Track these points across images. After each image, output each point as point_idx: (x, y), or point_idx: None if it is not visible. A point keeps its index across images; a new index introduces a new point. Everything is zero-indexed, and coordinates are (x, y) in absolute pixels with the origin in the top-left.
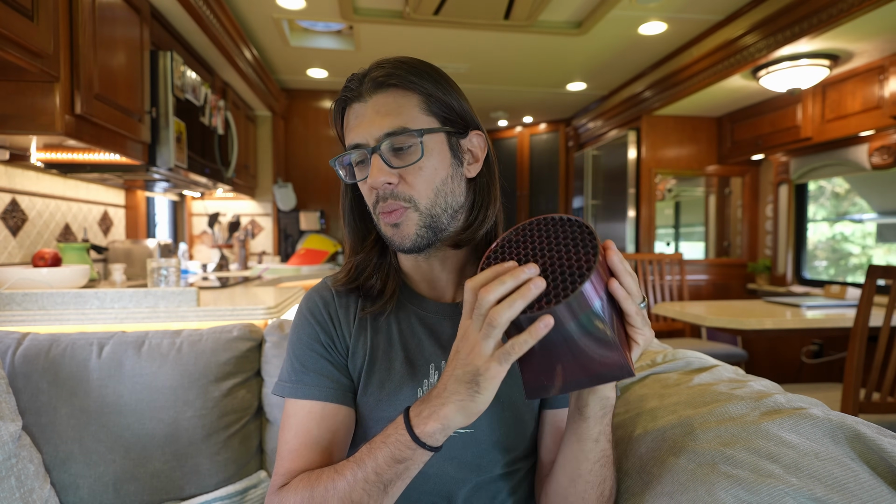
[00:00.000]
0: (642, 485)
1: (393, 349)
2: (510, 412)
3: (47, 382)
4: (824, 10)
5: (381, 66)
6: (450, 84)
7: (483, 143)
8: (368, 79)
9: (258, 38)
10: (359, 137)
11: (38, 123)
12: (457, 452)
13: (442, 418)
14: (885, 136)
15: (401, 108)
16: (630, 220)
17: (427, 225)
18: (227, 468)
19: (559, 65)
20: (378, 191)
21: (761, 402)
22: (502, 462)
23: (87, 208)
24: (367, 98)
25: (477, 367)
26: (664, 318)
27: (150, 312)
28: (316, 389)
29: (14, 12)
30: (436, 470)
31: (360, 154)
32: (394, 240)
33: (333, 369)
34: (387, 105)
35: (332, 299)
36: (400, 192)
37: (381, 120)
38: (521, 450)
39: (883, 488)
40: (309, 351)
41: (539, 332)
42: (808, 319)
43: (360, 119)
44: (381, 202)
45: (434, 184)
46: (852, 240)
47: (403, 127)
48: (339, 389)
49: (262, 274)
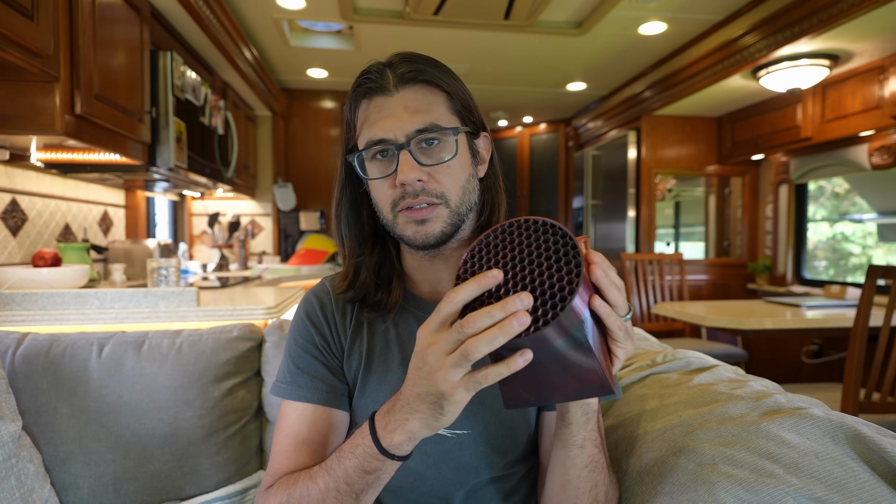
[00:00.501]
0: (643, 485)
1: (391, 352)
2: (507, 414)
3: (47, 382)
4: (824, 11)
5: (408, 61)
6: (463, 84)
7: (489, 144)
8: (396, 73)
9: (258, 38)
10: (385, 133)
11: (38, 123)
12: (455, 454)
13: (407, 432)
14: (885, 136)
15: (430, 104)
16: (630, 220)
17: (453, 223)
18: (227, 468)
19: (559, 65)
20: (407, 187)
21: (761, 402)
22: (500, 464)
23: (87, 208)
24: (393, 92)
25: (442, 392)
26: (664, 318)
27: (150, 312)
28: (309, 392)
29: (14, 12)
30: (434, 472)
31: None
32: (416, 237)
33: (327, 372)
34: (416, 101)
35: (330, 301)
36: (431, 189)
37: (410, 116)
38: (519, 452)
39: (883, 488)
40: (304, 353)
41: (516, 366)
42: (808, 319)
43: (386, 113)
44: (409, 198)
45: (461, 182)
46: (852, 240)
47: (435, 124)
48: (332, 393)
49: (262, 274)
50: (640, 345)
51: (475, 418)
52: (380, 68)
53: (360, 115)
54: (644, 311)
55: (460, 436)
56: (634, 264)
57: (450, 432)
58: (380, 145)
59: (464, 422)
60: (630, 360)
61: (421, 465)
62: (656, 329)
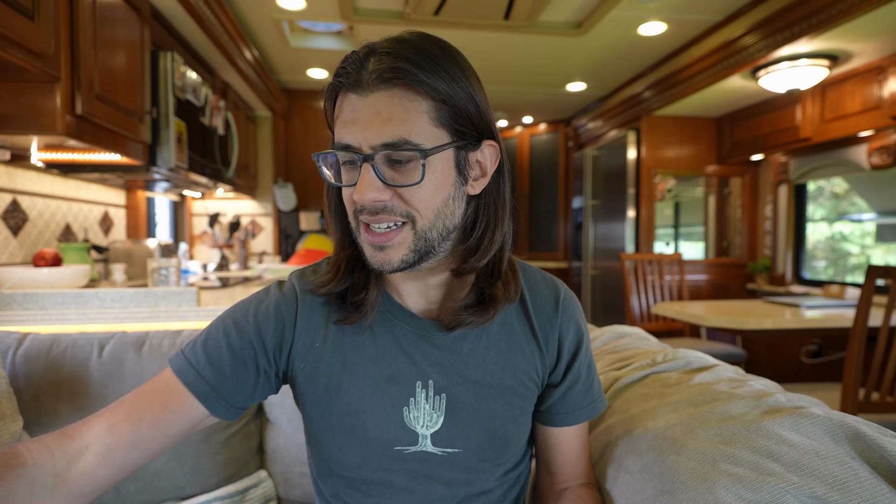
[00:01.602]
0: (643, 483)
1: (373, 364)
2: (499, 430)
3: (48, 382)
4: (824, 11)
5: (389, 54)
6: (468, 78)
7: (495, 154)
8: (372, 69)
9: (258, 39)
10: (351, 138)
11: (38, 124)
12: (445, 471)
13: None
14: (885, 136)
15: (406, 113)
16: (630, 220)
17: (418, 249)
18: (227, 468)
19: (559, 65)
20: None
21: (762, 401)
22: (492, 477)
23: (88, 208)
24: (366, 92)
25: None
26: (664, 318)
27: (150, 312)
28: (191, 373)
29: (14, 12)
30: (423, 488)
31: (349, 156)
32: (373, 261)
33: (230, 373)
34: (390, 107)
35: (296, 304)
36: (395, 207)
37: (380, 124)
38: (512, 463)
39: (883, 487)
40: (223, 336)
41: None
42: (807, 319)
43: (356, 115)
44: (367, 214)
45: (434, 205)
46: (851, 240)
47: (405, 140)
48: (214, 392)
49: (263, 274)
50: (640, 345)
51: (465, 439)
52: (360, 59)
53: (336, 107)
54: (644, 311)
55: (451, 454)
56: (634, 264)
57: (439, 450)
58: (345, 152)
59: (455, 440)
60: (630, 359)
61: (410, 481)
62: (656, 329)
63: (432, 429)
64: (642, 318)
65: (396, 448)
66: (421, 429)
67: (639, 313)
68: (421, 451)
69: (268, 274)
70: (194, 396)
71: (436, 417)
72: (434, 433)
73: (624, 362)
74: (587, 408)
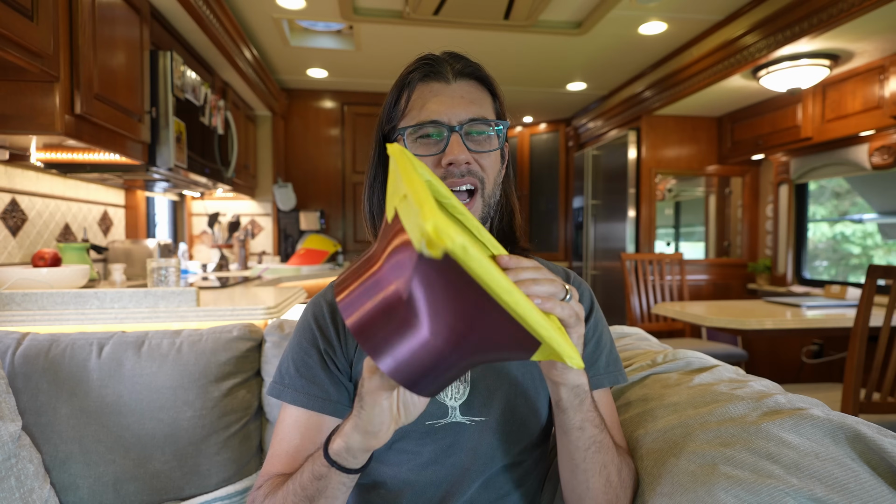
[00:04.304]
0: (643, 485)
1: None
2: (519, 404)
3: (47, 382)
4: (824, 10)
5: (464, 59)
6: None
7: (508, 150)
8: (454, 67)
9: (258, 38)
10: (439, 115)
11: (37, 123)
12: (471, 442)
13: (344, 435)
14: (886, 135)
15: (482, 100)
16: (630, 220)
17: (483, 216)
18: (227, 468)
19: (559, 65)
20: (453, 167)
21: (762, 403)
22: (512, 452)
23: (87, 208)
24: (451, 80)
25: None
26: (664, 318)
27: (149, 312)
28: (303, 396)
29: (14, 12)
30: (450, 460)
31: (431, 130)
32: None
33: (325, 378)
34: (471, 93)
35: None
36: (475, 171)
37: (466, 104)
38: (529, 440)
39: (883, 488)
40: (304, 356)
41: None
42: (808, 319)
43: (442, 97)
44: (453, 178)
45: (495, 175)
46: (852, 240)
47: (485, 117)
48: (328, 400)
49: (262, 274)
50: (641, 345)
51: (489, 407)
52: (438, 58)
53: (415, 95)
54: (644, 311)
55: (478, 423)
56: (634, 264)
57: (468, 419)
58: (432, 126)
59: (481, 409)
60: (630, 360)
61: (439, 453)
62: (656, 329)
63: (460, 400)
64: (643, 318)
65: (428, 423)
66: (450, 401)
67: (639, 313)
68: (451, 423)
69: (267, 274)
70: (325, 414)
71: (462, 389)
72: (462, 404)
73: (624, 363)
74: (609, 374)
